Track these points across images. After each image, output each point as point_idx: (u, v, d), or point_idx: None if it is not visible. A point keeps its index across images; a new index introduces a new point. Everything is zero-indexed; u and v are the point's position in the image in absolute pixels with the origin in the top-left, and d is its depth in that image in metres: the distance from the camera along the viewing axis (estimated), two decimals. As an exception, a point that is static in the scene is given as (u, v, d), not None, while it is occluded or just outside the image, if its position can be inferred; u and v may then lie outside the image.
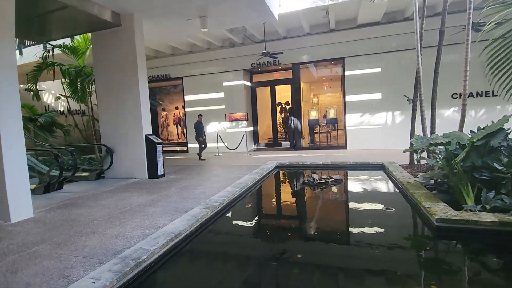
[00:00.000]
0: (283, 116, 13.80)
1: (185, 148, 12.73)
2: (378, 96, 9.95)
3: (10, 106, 4.08)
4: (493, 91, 8.80)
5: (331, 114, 11.47)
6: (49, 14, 5.90)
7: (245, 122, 11.58)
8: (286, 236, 3.74)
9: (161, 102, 14.40)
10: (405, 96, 6.73)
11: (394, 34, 9.47)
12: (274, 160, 8.56)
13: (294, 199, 5.54)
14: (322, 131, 11.95)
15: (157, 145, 6.83)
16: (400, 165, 6.46)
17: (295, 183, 6.63)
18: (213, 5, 6.41)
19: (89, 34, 8.30)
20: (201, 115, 10.11)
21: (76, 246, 3.09)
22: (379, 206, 4.36)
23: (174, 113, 14.45)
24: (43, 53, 8.54)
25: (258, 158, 9.53)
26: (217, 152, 11.01)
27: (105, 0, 5.89)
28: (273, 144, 12.53)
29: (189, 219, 3.48)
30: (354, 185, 6.17)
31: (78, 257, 2.81)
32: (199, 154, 9.76)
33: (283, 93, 12.99)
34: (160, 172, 6.89)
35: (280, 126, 13.48)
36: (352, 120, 10.28)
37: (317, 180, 5.67)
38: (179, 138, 14.25)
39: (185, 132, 13.04)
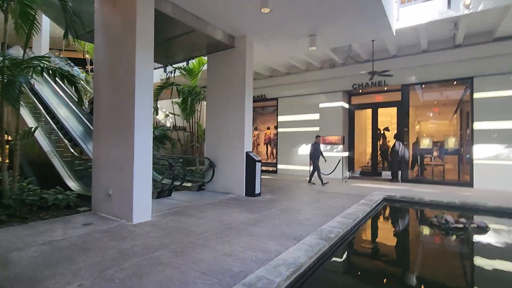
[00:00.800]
0: (381, 142, 12.39)
1: (274, 168, 12.60)
2: (519, 124, 7.83)
3: (146, 120, 4.52)
4: None
5: (450, 143, 9.58)
6: (177, 38, 6.66)
7: (341, 146, 10.75)
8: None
9: (253, 122, 14.91)
10: None
11: None
12: (378, 191, 7.48)
13: (425, 244, 4.47)
14: (437, 163, 10.06)
15: (256, 162, 6.75)
16: None
17: (416, 222, 5.49)
18: (327, 22, 6.17)
19: (202, 57, 9.23)
20: (319, 136, 9.61)
21: (193, 258, 2.96)
22: None
23: (265, 133, 14.68)
24: (167, 74, 9.84)
25: (357, 187, 8.54)
26: (309, 176, 10.44)
27: (223, 23, 6.32)
28: (372, 172, 11.21)
29: (307, 250, 3.01)
30: (508, 237, 4.66)
31: (197, 272, 2.64)
32: (320, 179, 8.99)
33: (381, 117, 11.69)
34: (257, 190, 6.74)
35: (380, 153, 12.09)
36: (481, 152, 8.31)
37: (452, 224, 4.49)
38: (268, 158, 14.30)
39: (274, 153, 12.97)
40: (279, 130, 12.39)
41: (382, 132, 12.57)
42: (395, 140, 9.83)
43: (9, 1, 4.71)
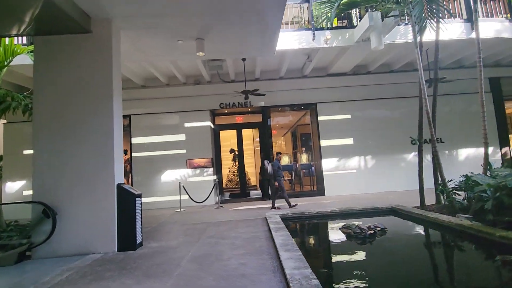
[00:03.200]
0: (236, 164, 12.64)
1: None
2: (350, 141, 10.14)
3: None
4: (441, 138, 10.07)
5: (303, 159, 11.03)
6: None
7: (210, 170, 9.93)
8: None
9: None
10: (410, 137, 6.77)
11: (360, 85, 10.20)
12: (260, 211, 7.29)
13: (370, 254, 4.29)
14: (296, 178, 11.27)
15: (136, 198, 4.69)
16: (413, 207, 6.18)
17: (337, 236, 5.38)
18: (220, 27, 5.39)
19: (18, 45, 5.87)
20: (280, 153, 8.71)
21: None
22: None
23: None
24: None
25: (240, 211, 7.95)
26: (179, 206, 8.83)
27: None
28: (241, 194, 11.02)
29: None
30: (403, 233, 5.41)
31: None
32: (288, 202, 7.88)
33: (233, 139, 12.01)
34: (139, 239, 4.65)
35: (248, 174, 12.23)
36: (328, 165, 10.03)
37: (366, 231, 4.67)
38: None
39: (130, 181, 10.28)
40: (134, 154, 9.97)
41: (236, 153, 12.88)
42: (263, 160, 10.17)
43: None
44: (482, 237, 4.08)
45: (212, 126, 10.68)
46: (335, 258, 4.23)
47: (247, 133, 12.94)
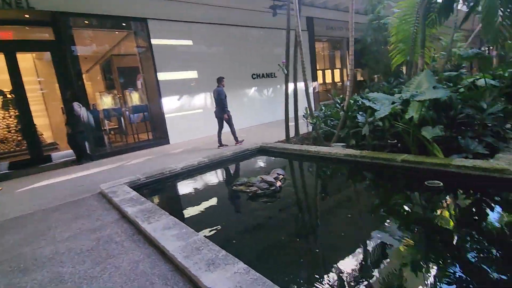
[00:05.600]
0: (13, 113, 7.78)
1: None
2: (194, 74, 8.31)
3: None
4: (274, 73, 10.35)
5: (135, 99, 8.06)
6: None
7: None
8: None
9: None
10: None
11: (207, 3, 8.17)
12: (83, 182, 4.59)
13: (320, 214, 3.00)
14: (127, 124, 8.14)
15: None
16: (276, 142, 5.75)
17: (238, 203, 3.75)
18: None
19: None
20: (223, 78, 6.56)
21: None
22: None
23: None
24: None
25: (40, 192, 4.66)
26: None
27: None
28: (33, 160, 6.70)
29: None
30: (303, 176, 4.53)
31: None
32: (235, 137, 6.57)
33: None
34: None
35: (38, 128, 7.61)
36: (170, 105, 7.88)
37: (275, 183, 3.48)
38: None
39: None
40: None
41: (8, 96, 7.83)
42: (71, 103, 6.42)
43: None
44: (380, 164, 3.92)
45: None
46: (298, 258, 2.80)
47: (26, 61, 7.96)
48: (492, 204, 2.88)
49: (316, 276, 1.96)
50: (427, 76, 4.32)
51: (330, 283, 1.86)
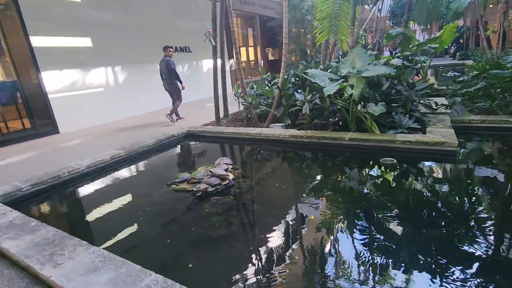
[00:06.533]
0: None
1: None
2: (87, 42, 6.46)
3: None
4: (189, 47, 9.23)
5: (-4, 74, 5.60)
6: None
7: None
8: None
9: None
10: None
11: None
12: None
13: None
14: None
15: None
16: (206, 125, 5.09)
17: (179, 210, 2.79)
18: None
19: None
20: (169, 46, 5.99)
21: None
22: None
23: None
24: None
25: None
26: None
27: None
28: None
29: None
30: (257, 162, 3.88)
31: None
32: (176, 113, 6.20)
33: None
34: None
35: None
36: (55, 82, 5.93)
37: (228, 176, 2.85)
38: None
39: None
40: None
41: None
42: None
43: None
44: (328, 144, 3.76)
45: None
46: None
47: None
48: (446, 176, 3.02)
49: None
50: (360, 53, 4.35)
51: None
